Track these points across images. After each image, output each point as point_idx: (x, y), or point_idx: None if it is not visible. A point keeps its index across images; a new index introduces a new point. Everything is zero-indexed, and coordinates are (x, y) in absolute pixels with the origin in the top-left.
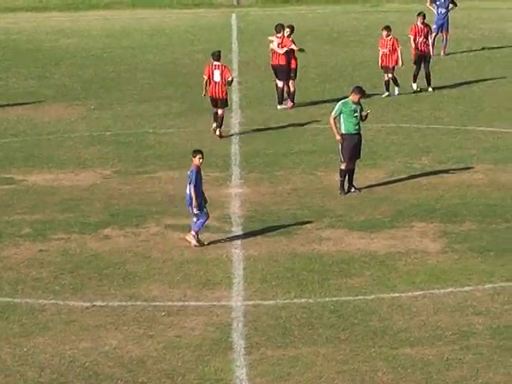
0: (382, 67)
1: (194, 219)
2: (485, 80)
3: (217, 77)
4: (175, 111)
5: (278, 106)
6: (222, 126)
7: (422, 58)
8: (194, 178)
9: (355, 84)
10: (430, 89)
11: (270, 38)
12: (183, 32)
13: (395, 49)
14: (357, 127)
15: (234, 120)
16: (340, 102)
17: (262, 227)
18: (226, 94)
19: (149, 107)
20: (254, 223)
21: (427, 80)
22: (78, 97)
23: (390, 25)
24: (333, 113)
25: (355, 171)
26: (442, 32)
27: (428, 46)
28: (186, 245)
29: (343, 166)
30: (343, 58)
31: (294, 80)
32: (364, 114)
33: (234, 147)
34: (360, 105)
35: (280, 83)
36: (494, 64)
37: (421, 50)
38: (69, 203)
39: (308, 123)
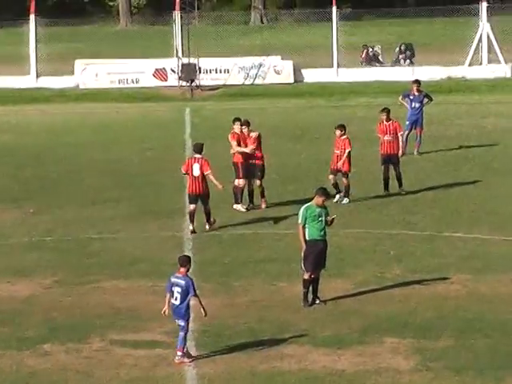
0: (332, 170)
1: (182, 334)
2: (462, 182)
3: (196, 171)
4: (122, 215)
5: (234, 206)
6: (210, 219)
7: (388, 160)
8: (193, 287)
9: (319, 185)
10: (402, 191)
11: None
12: (131, 128)
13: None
14: (322, 233)
15: (186, 228)
16: (303, 207)
17: (217, 343)
18: (207, 188)
19: (93, 211)
20: (209, 338)
21: (398, 182)
22: (16, 199)
23: (345, 123)
24: (299, 221)
25: (320, 281)
26: (415, 129)
27: (395, 145)
28: (132, 362)
29: (306, 276)
30: (307, 156)
31: (260, 179)
32: (329, 218)
33: (187, 254)
34: (325, 208)
35: (237, 181)
36: (473, 164)
37: (386, 150)
38: (4, 316)
39: (268, 228)
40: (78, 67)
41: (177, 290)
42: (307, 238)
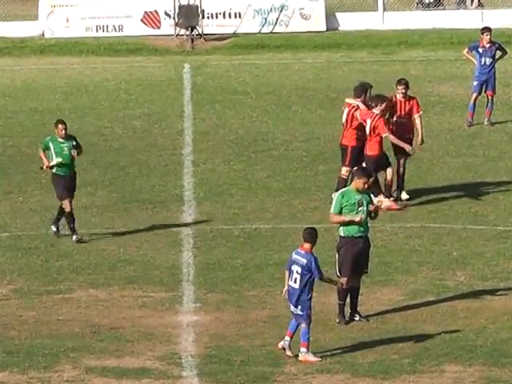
0: None
1: (304, 325)
2: None
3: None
4: (101, 204)
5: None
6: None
7: (400, 150)
8: (318, 268)
9: (360, 165)
10: (404, 195)
11: (349, 100)
12: (114, 89)
13: None
14: (362, 228)
15: (187, 216)
16: (338, 193)
17: (226, 371)
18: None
19: None
20: (215, 365)
21: (398, 182)
22: None
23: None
24: (332, 210)
25: (360, 291)
26: (485, 91)
27: (409, 131)
28: None
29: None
30: None
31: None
32: (372, 207)
33: (187, 255)
34: (367, 194)
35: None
36: None
37: (397, 136)
38: None
39: (291, 221)
40: (43, 10)
41: (296, 269)
42: (342, 234)
